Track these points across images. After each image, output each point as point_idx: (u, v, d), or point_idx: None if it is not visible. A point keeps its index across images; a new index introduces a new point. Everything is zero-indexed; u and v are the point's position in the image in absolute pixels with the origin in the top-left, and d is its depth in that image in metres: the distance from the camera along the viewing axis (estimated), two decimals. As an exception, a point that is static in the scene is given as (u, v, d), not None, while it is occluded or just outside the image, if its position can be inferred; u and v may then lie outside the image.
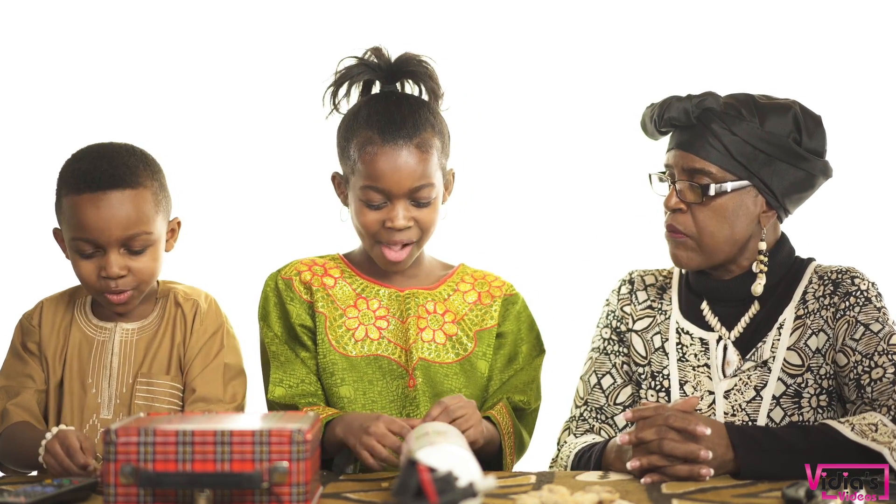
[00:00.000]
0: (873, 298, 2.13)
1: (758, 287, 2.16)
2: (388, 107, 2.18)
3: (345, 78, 2.23)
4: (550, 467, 2.23)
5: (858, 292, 2.13)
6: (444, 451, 1.67)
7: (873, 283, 2.16)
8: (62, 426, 2.07)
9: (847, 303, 2.12)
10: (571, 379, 2.33)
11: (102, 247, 2.15)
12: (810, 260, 2.24)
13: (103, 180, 2.14)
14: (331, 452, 2.11)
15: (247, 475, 1.65)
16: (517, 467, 2.26)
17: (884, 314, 2.12)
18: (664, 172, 2.19)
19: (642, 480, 1.92)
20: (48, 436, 2.03)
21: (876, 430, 1.94)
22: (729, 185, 2.12)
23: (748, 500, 1.81)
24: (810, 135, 2.14)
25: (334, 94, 2.24)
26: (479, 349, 2.26)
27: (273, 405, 2.22)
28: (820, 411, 2.12)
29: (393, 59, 2.23)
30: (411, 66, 2.23)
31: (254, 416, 2.08)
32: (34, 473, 2.14)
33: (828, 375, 2.13)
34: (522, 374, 2.27)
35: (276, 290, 2.25)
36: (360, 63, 2.23)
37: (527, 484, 1.94)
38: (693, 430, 1.90)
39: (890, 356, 2.07)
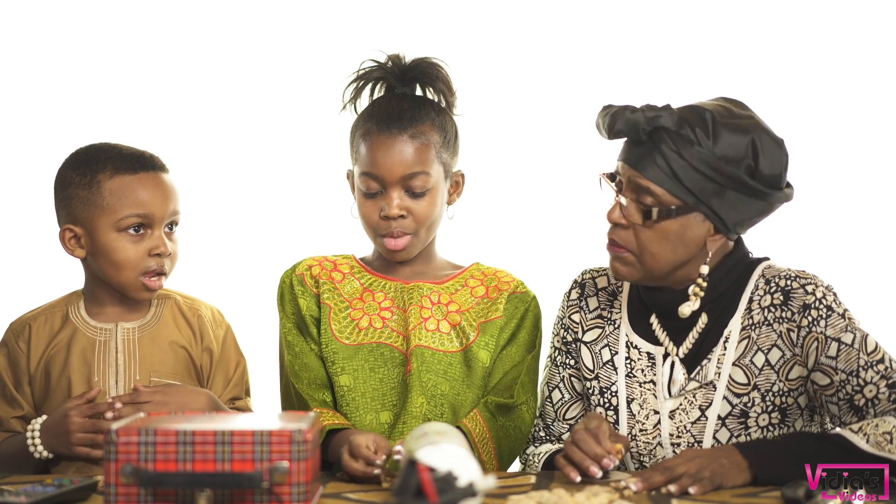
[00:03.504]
0: (833, 305, 2.02)
1: (685, 308, 2.06)
2: (390, 101, 2.28)
3: (360, 78, 2.32)
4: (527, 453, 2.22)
5: (817, 303, 2.02)
6: (444, 450, 1.67)
7: (828, 287, 2.05)
8: (44, 416, 2.15)
9: (808, 318, 2.02)
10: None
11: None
12: (761, 260, 2.13)
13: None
14: (330, 460, 2.15)
15: (247, 475, 1.65)
16: (514, 467, 2.27)
17: (849, 319, 2.02)
18: (613, 179, 2.09)
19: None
20: (37, 423, 2.13)
21: (892, 441, 1.88)
22: (674, 210, 2.01)
23: (748, 500, 1.81)
24: (769, 162, 2.01)
25: (354, 92, 2.32)
26: (482, 339, 2.27)
27: (289, 384, 2.26)
28: (771, 429, 2.06)
29: (409, 62, 2.31)
30: (422, 69, 2.30)
31: (254, 416, 2.08)
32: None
33: (781, 392, 2.05)
34: (513, 372, 2.26)
35: (290, 286, 2.32)
36: (378, 66, 2.31)
37: (526, 484, 1.94)
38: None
39: (875, 368, 1.99)
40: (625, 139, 2.08)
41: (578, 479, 1.91)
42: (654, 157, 2.01)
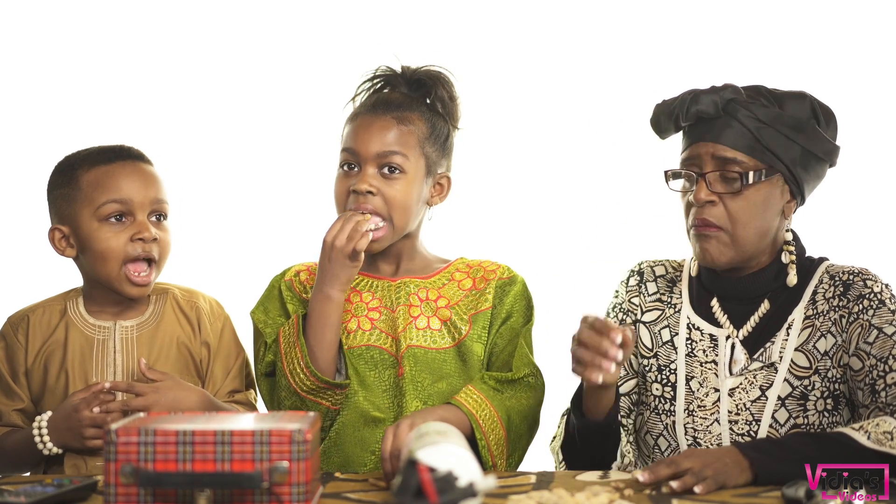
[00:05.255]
0: (887, 301, 2.10)
1: (792, 278, 2.16)
2: (387, 93, 2.30)
3: (369, 80, 2.33)
4: (552, 440, 2.22)
5: (872, 294, 2.10)
6: (444, 450, 1.67)
7: (887, 285, 2.13)
8: (49, 412, 2.15)
9: (860, 306, 2.10)
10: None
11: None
12: (822, 259, 2.22)
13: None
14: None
15: (247, 475, 1.65)
16: (523, 466, 2.26)
17: None
18: (682, 170, 2.16)
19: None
20: (43, 420, 2.14)
21: (892, 439, 1.90)
22: (763, 174, 2.10)
23: (748, 500, 1.82)
24: (827, 122, 2.16)
25: (362, 92, 2.34)
26: (474, 332, 2.27)
27: (260, 378, 2.27)
28: (826, 415, 2.11)
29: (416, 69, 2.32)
30: (429, 77, 2.31)
31: (254, 415, 2.08)
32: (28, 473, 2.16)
33: (835, 379, 2.11)
34: (508, 348, 2.26)
35: (279, 291, 2.32)
36: (392, 73, 2.32)
37: (526, 484, 1.94)
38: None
39: None
40: (682, 128, 2.16)
41: (600, 379, 1.93)
42: (733, 127, 2.11)
